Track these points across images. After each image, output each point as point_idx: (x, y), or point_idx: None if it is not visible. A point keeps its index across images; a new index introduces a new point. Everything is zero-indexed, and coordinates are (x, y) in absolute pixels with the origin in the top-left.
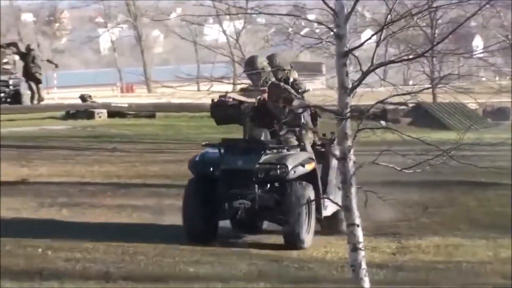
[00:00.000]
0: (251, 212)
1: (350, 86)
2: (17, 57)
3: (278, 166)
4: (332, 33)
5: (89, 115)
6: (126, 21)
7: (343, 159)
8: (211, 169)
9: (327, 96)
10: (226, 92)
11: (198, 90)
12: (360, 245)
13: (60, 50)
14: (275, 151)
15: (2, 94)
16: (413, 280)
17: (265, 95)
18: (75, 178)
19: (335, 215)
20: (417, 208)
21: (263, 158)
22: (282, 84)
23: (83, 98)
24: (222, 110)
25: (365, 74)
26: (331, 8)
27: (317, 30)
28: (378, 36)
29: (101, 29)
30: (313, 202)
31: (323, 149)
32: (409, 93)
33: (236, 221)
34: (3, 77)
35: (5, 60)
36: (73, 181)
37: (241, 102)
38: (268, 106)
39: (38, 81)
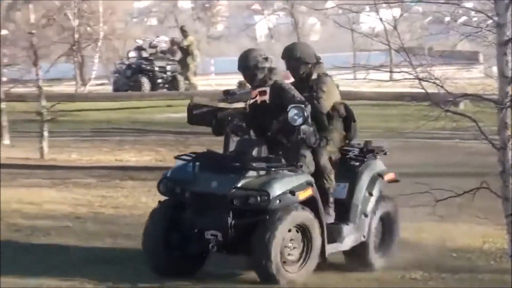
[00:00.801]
0: (224, 246)
1: (510, 75)
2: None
3: (258, 193)
4: (491, 21)
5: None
6: (283, 9)
7: (502, 148)
8: (180, 190)
9: (486, 85)
10: (192, 96)
11: (355, 78)
12: None
13: (216, 37)
14: (263, 172)
15: (160, 80)
16: None
17: (260, 98)
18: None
19: (359, 247)
20: None
21: (243, 180)
22: (286, 84)
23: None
24: (196, 117)
25: None
26: None
27: (474, 19)
28: None
29: (258, 16)
30: (317, 234)
31: (357, 163)
32: None
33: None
34: (161, 63)
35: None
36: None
37: (217, 108)
38: (266, 111)
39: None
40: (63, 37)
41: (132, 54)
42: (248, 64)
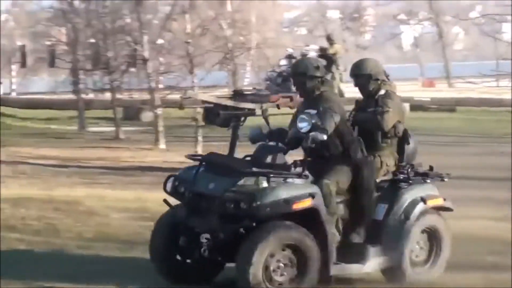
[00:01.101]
0: (217, 251)
1: None
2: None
3: (247, 198)
4: None
5: None
6: (428, 18)
7: None
8: (183, 189)
9: None
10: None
11: (498, 86)
12: None
13: (363, 46)
14: (270, 176)
15: None
16: None
17: (283, 103)
18: None
19: (393, 269)
20: None
21: (239, 184)
22: (331, 97)
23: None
24: (208, 117)
25: None
26: None
27: None
28: None
29: (404, 26)
30: (313, 254)
31: (403, 186)
32: None
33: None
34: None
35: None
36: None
37: (221, 106)
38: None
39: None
40: (217, 46)
41: (283, 62)
42: (297, 72)
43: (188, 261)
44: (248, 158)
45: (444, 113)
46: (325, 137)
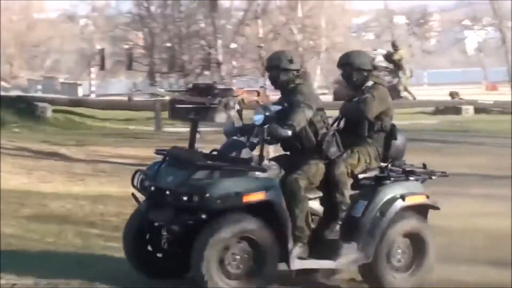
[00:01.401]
0: (175, 243)
1: None
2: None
3: (197, 191)
4: None
5: (457, 111)
6: (492, 24)
7: None
8: (148, 183)
9: None
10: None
11: None
12: None
13: (429, 51)
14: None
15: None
16: None
17: (248, 97)
18: (443, 168)
19: (371, 265)
20: None
21: (192, 177)
22: (305, 89)
23: (451, 95)
24: (172, 111)
25: None
26: None
27: None
28: None
29: (468, 31)
30: (270, 248)
31: (382, 183)
32: None
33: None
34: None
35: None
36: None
37: (178, 100)
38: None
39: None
40: (288, 50)
41: None
42: (271, 65)
43: (159, 255)
44: (215, 152)
45: (507, 116)
46: (289, 133)
